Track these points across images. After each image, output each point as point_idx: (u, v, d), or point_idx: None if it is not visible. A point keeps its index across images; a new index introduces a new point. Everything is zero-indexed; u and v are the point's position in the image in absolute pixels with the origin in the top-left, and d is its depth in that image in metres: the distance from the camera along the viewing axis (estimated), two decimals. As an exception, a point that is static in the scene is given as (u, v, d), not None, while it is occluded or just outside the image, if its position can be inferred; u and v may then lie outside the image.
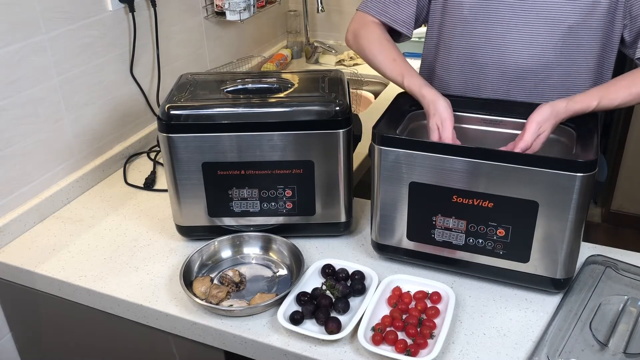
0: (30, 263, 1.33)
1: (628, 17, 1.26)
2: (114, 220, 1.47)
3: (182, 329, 1.18)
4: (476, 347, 1.06)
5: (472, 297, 1.18)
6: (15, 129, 1.39)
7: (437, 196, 1.14)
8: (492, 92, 1.35)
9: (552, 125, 1.13)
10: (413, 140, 1.13)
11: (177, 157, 1.24)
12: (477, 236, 1.14)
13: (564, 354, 1.01)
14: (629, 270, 1.20)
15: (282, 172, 1.26)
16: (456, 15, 1.35)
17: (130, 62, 1.70)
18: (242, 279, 1.24)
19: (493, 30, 1.31)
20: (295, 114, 1.22)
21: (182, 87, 1.32)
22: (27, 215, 1.43)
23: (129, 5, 1.64)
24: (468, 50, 1.36)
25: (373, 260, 1.30)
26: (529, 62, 1.30)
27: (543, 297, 1.17)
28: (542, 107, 1.14)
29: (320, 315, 1.11)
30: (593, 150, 1.06)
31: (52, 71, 1.45)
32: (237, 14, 2.01)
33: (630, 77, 1.22)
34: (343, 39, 2.61)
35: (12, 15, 1.33)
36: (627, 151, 2.89)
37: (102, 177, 1.65)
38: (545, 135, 1.13)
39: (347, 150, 1.27)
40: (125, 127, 1.74)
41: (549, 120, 1.13)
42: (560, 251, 1.10)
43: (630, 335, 1.05)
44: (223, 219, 1.32)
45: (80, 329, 1.38)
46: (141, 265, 1.31)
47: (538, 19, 1.27)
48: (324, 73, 1.40)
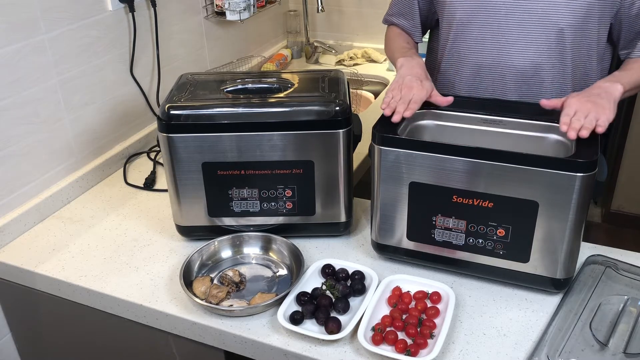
0: (30, 263, 1.33)
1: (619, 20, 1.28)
2: (114, 220, 1.47)
3: (182, 329, 1.18)
4: (476, 347, 1.06)
5: (472, 297, 1.18)
6: (15, 129, 1.39)
7: (437, 196, 1.14)
8: (491, 93, 1.36)
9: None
10: (413, 140, 1.13)
11: (177, 157, 1.24)
12: (477, 236, 1.14)
13: (564, 354, 1.01)
14: (629, 270, 1.20)
15: (282, 172, 1.26)
16: (451, 20, 1.37)
17: (130, 62, 1.70)
18: (242, 279, 1.24)
19: (487, 34, 1.32)
20: (295, 114, 1.22)
21: (182, 87, 1.32)
22: (27, 215, 1.43)
23: (129, 5, 1.64)
24: (464, 52, 1.37)
25: (373, 260, 1.30)
26: (524, 64, 1.31)
27: (543, 297, 1.17)
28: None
29: (320, 315, 1.11)
30: (593, 150, 1.06)
31: (52, 71, 1.45)
32: (237, 14, 2.01)
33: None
34: (343, 39, 2.63)
35: (12, 15, 1.33)
36: (627, 151, 2.89)
37: (102, 177, 1.65)
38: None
39: (347, 150, 1.27)
40: (125, 127, 1.74)
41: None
42: (560, 251, 1.10)
43: (630, 335, 1.05)
44: (223, 219, 1.32)
45: (80, 329, 1.38)
46: (141, 265, 1.31)
47: (532, 21, 1.28)
48: (324, 73, 1.40)
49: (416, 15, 1.47)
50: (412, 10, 1.47)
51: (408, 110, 1.17)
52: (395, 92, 1.21)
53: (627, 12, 1.27)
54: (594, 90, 1.16)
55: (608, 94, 1.14)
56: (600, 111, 1.09)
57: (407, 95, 1.19)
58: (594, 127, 1.07)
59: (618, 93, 1.15)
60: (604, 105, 1.11)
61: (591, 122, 1.07)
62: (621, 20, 1.28)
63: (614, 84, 1.16)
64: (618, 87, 1.16)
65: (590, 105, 1.10)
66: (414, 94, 1.19)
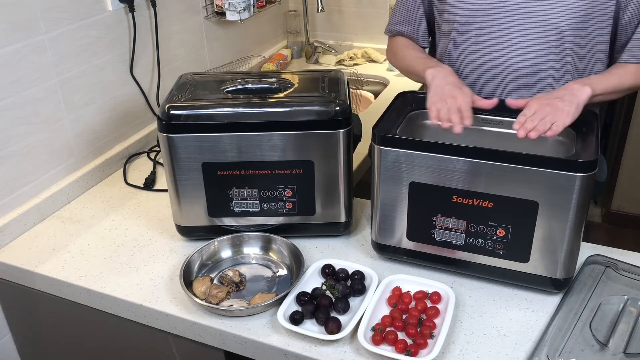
0: (30, 263, 1.33)
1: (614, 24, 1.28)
2: (114, 220, 1.47)
3: (182, 329, 1.19)
4: (476, 347, 1.06)
5: (472, 297, 1.18)
6: (15, 129, 1.39)
7: (437, 196, 1.14)
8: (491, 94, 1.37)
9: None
10: (413, 140, 1.13)
11: (177, 157, 1.24)
12: (477, 236, 1.14)
13: (564, 354, 1.01)
14: (629, 270, 1.19)
15: (282, 172, 1.26)
16: (452, 22, 1.37)
17: (130, 62, 1.70)
18: (242, 279, 1.24)
19: (487, 36, 1.33)
20: (295, 114, 1.22)
21: (182, 87, 1.32)
22: (27, 215, 1.43)
23: (129, 5, 1.64)
24: (465, 54, 1.38)
25: (373, 260, 1.30)
26: (525, 66, 1.31)
27: (543, 297, 1.17)
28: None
29: (320, 315, 1.11)
30: (593, 150, 1.06)
31: (52, 71, 1.45)
32: (237, 14, 2.01)
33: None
34: (343, 39, 2.64)
35: (12, 15, 1.33)
36: (627, 151, 2.89)
37: (102, 177, 1.65)
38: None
39: (347, 150, 1.27)
40: (125, 127, 1.74)
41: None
42: (560, 251, 1.10)
43: (630, 335, 1.05)
44: (223, 219, 1.32)
45: (80, 329, 1.38)
46: (141, 265, 1.31)
47: (532, 23, 1.28)
48: (324, 73, 1.40)
49: (422, 21, 1.47)
50: (418, 15, 1.47)
51: (466, 118, 1.14)
52: (440, 105, 1.18)
53: (621, 17, 1.27)
54: (560, 92, 1.17)
55: (572, 97, 1.15)
56: (559, 115, 1.10)
57: (454, 104, 1.17)
58: (546, 130, 1.08)
59: (585, 96, 1.16)
60: (564, 110, 1.11)
61: (545, 124, 1.08)
62: (616, 24, 1.29)
63: (583, 87, 1.17)
64: (586, 90, 1.16)
65: (550, 109, 1.11)
66: (460, 102, 1.17)
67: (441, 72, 1.27)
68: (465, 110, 1.16)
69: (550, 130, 1.08)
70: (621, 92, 1.29)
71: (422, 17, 1.47)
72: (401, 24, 1.50)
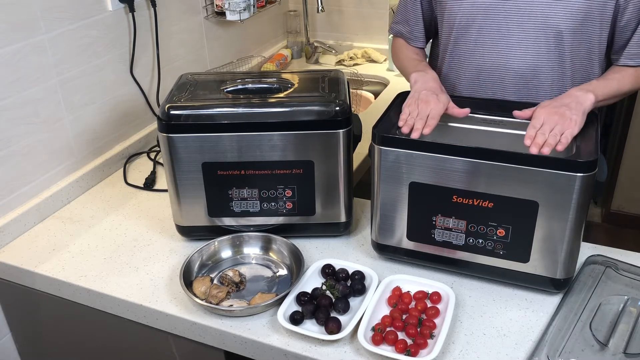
0: (30, 263, 1.33)
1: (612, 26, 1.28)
2: (114, 220, 1.47)
3: (182, 329, 1.19)
4: (476, 347, 1.06)
5: (472, 297, 1.18)
6: (15, 129, 1.39)
7: (437, 196, 1.14)
8: (491, 96, 1.37)
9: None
10: (413, 140, 1.13)
11: (177, 157, 1.24)
12: (477, 236, 1.15)
13: (564, 354, 1.01)
14: (629, 270, 1.20)
15: (282, 172, 1.26)
16: (451, 24, 1.38)
17: (130, 62, 1.70)
18: (242, 279, 1.24)
19: (486, 38, 1.33)
20: (295, 114, 1.22)
21: (182, 87, 1.32)
22: (27, 215, 1.43)
23: (129, 5, 1.64)
24: (464, 56, 1.38)
25: (373, 260, 1.30)
26: (524, 68, 1.32)
27: (543, 297, 1.17)
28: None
29: (320, 315, 1.11)
30: (593, 150, 1.06)
31: (52, 71, 1.45)
32: (237, 14, 2.01)
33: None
34: (343, 39, 2.64)
35: (12, 15, 1.33)
36: (627, 151, 2.89)
37: (102, 177, 1.65)
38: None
39: (347, 150, 1.27)
40: (125, 127, 1.74)
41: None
42: (560, 251, 1.10)
43: (630, 335, 1.05)
44: (223, 219, 1.32)
45: (80, 329, 1.38)
46: (141, 265, 1.31)
47: (531, 25, 1.28)
48: (324, 73, 1.40)
49: (419, 21, 1.47)
50: (415, 16, 1.47)
51: (427, 126, 1.14)
52: (411, 108, 1.19)
53: (619, 19, 1.27)
54: (565, 100, 1.16)
55: (578, 105, 1.14)
56: (567, 124, 1.10)
57: (425, 110, 1.17)
58: (556, 144, 1.07)
59: (589, 103, 1.16)
60: (571, 118, 1.11)
61: (555, 136, 1.08)
62: (614, 26, 1.29)
63: (586, 94, 1.17)
64: (590, 97, 1.16)
65: (557, 118, 1.11)
66: (431, 109, 1.17)
67: (423, 77, 1.29)
68: (431, 117, 1.16)
69: (560, 144, 1.07)
70: (620, 96, 1.29)
71: (419, 18, 1.47)
72: (400, 23, 1.51)
